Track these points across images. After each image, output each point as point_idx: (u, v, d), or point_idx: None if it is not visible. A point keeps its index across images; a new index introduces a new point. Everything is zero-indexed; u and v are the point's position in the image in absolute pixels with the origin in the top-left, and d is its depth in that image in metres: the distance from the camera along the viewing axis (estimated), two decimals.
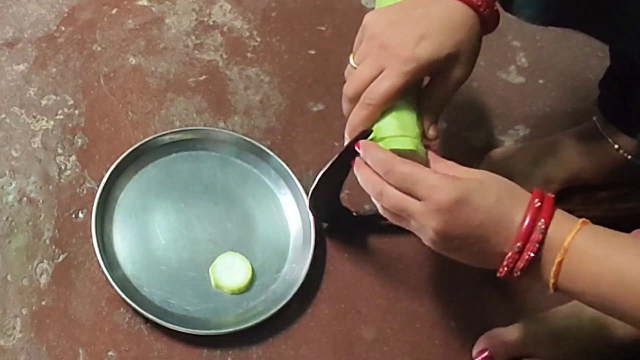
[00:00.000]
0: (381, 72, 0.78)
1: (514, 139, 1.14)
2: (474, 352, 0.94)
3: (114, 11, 1.19)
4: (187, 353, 0.93)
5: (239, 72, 1.16)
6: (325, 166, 0.87)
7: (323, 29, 1.21)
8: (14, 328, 0.92)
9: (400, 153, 0.77)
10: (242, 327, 0.93)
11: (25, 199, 1.01)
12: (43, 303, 0.94)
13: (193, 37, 1.18)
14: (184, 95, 1.12)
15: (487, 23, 0.81)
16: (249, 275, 0.97)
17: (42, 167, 1.03)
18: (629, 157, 1.01)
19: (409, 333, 0.97)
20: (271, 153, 1.04)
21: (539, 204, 0.70)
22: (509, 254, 0.70)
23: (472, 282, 1.01)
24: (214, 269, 0.97)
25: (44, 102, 1.09)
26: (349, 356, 0.95)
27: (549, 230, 0.69)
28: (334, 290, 0.99)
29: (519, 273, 0.71)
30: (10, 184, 1.02)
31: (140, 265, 0.97)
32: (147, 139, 1.04)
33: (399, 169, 0.74)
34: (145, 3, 1.21)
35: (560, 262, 0.68)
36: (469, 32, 0.79)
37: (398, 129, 0.80)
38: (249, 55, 1.17)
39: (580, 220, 0.70)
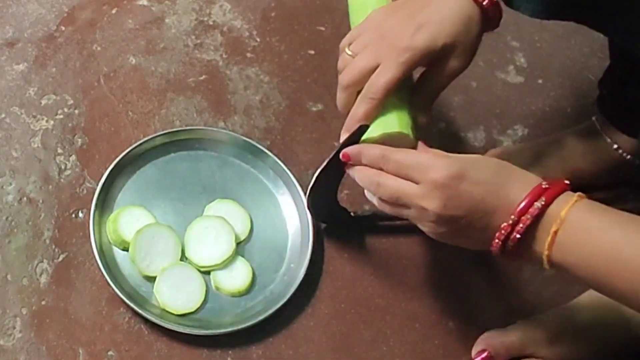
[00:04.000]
0: (378, 62, 0.79)
1: (512, 139, 1.14)
2: (473, 353, 0.94)
3: (114, 11, 1.19)
4: (187, 353, 0.93)
5: (239, 72, 1.16)
6: (322, 164, 0.87)
7: (323, 29, 1.21)
8: (14, 328, 0.92)
9: (393, 138, 0.79)
10: (241, 327, 0.93)
11: (25, 198, 1.01)
12: (43, 303, 0.94)
13: (193, 37, 1.18)
14: (183, 95, 1.12)
15: (488, 17, 0.81)
16: (249, 279, 0.97)
17: (42, 167, 1.04)
18: (628, 157, 1.01)
19: (408, 333, 0.98)
20: (269, 153, 1.05)
21: (546, 186, 0.70)
22: (504, 225, 0.70)
23: (472, 283, 1.01)
24: (214, 271, 0.97)
25: (43, 102, 1.09)
26: (348, 356, 0.95)
27: (549, 207, 0.69)
28: (333, 290, 0.99)
29: (512, 247, 0.70)
30: (10, 183, 1.02)
31: None
32: (145, 139, 1.04)
33: (394, 158, 0.75)
34: (145, 3, 1.21)
35: (555, 232, 0.68)
36: (468, 25, 0.80)
37: (397, 125, 0.81)
38: (248, 55, 1.18)
39: (578, 193, 0.70)
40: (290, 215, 1.02)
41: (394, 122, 0.81)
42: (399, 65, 0.78)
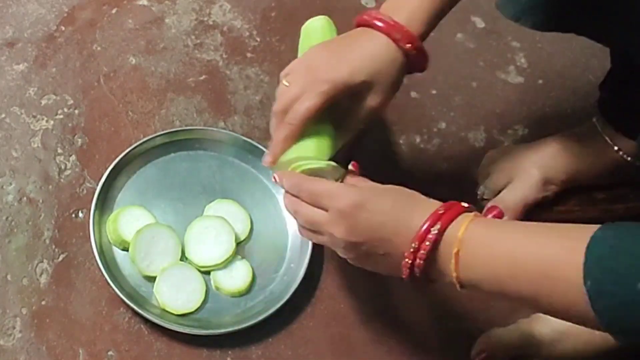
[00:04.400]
0: (303, 92, 0.84)
1: (512, 139, 1.14)
2: (473, 353, 0.94)
3: (114, 11, 1.19)
4: (186, 353, 0.93)
5: (239, 71, 1.16)
6: None
7: None
8: (14, 328, 0.92)
9: (315, 172, 0.83)
10: (241, 327, 0.93)
11: (25, 198, 1.01)
12: (43, 303, 0.94)
13: (193, 37, 1.18)
14: (184, 95, 1.12)
15: (411, 61, 0.84)
16: (249, 279, 0.97)
17: (42, 167, 1.04)
18: (629, 158, 1.01)
19: (408, 333, 0.97)
20: None
21: (442, 211, 0.72)
22: (406, 254, 0.73)
23: None
24: (214, 271, 0.97)
25: (43, 102, 1.09)
26: (348, 356, 0.95)
27: (446, 231, 0.71)
28: (333, 290, 0.99)
29: (419, 273, 0.73)
30: (10, 183, 1.02)
31: None
32: (145, 139, 1.04)
33: (306, 186, 0.80)
34: (145, 3, 1.21)
35: (457, 253, 0.70)
36: (390, 66, 0.84)
37: (313, 151, 0.85)
38: (248, 55, 1.18)
39: (473, 213, 0.73)
40: (290, 216, 1.02)
41: (311, 147, 0.85)
42: (317, 95, 0.82)
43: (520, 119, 1.16)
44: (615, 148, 1.01)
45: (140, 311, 0.91)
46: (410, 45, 0.83)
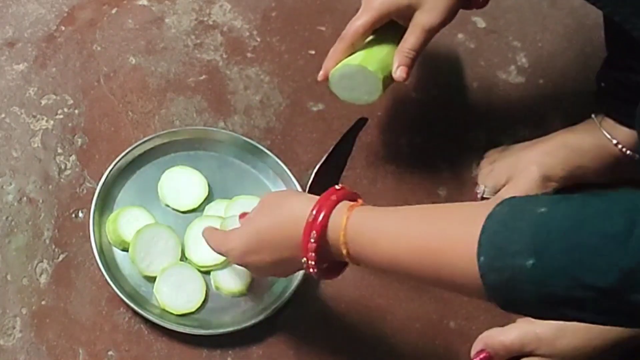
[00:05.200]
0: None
1: (512, 139, 1.14)
2: (473, 352, 0.94)
3: (114, 11, 1.19)
4: (186, 353, 0.93)
5: (239, 72, 1.16)
6: (320, 161, 0.88)
7: (323, 29, 1.21)
8: (14, 328, 0.92)
9: (356, 70, 0.92)
10: (241, 326, 0.93)
11: (25, 198, 1.01)
12: (43, 303, 0.94)
13: (193, 37, 1.18)
14: (183, 95, 1.12)
15: None
16: (249, 279, 0.96)
17: (42, 167, 1.04)
18: (628, 152, 1.01)
19: (409, 333, 0.97)
20: (269, 153, 1.05)
21: (317, 208, 0.73)
22: (302, 251, 0.74)
23: None
24: (214, 271, 0.97)
25: (43, 102, 1.09)
26: (348, 356, 0.95)
27: (329, 224, 0.72)
28: (333, 290, 0.99)
29: (315, 266, 0.74)
30: (10, 183, 1.02)
31: None
32: (145, 139, 1.04)
33: (207, 237, 0.89)
34: (145, 3, 1.21)
35: (345, 244, 0.71)
36: None
37: (358, 59, 0.93)
38: (248, 55, 1.18)
39: (350, 204, 0.73)
40: None
41: (359, 57, 0.93)
42: (369, 11, 0.92)
43: (520, 119, 1.16)
44: (615, 142, 1.01)
45: (140, 311, 0.91)
46: None
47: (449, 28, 0.96)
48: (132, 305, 0.92)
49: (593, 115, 1.03)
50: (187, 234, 0.97)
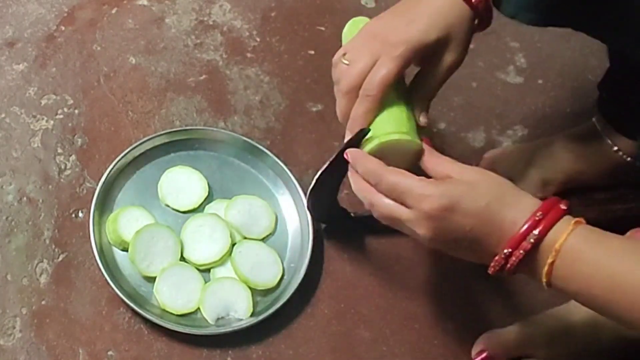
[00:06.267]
0: (375, 60, 0.79)
1: (512, 140, 1.14)
2: (473, 353, 0.95)
3: (114, 11, 1.19)
4: (186, 353, 0.93)
5: (239, 72, 1.16)
6: (323, 166, 0.88)
7: (323, 29, 1.21)
8: (14, 328, 0.92)
9: (392, 146, 0.78)
10: (241, 326, 0.93)
11: (25, 198, 1.01)
12: (43, 303, 0.94)
13: (193, 37, 1.18)
14: (183, 95, 1.12)
15: (478, 15, 0.81)
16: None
17: (42, 167, 1.04)
18: (628, 159, 1.01)
19: (408, 333, 0.98)
20: (269, 153, 1.05)
21: (540, 216, 0.69)
22: (496, 258, 0.70)
23: (471, 283, 1.01)
24: (213, 268, 0.97)
25: (43, 102, 1.09)
26: (348, 356, 0.95)
27: (543, 239, 0.68)
28: (333, 290, 0.99)
29: (507, 274, 0.71)
30: (10, 183, 1.02)
31: None
32: (145, 139, 1.04)
33: (387, 179, 0.74)
34: (145, 3, 1.21)
35: (552, 264, 0.68)
36: (460, 20, 0.80)
37: (390, 124, 0.80)
38: (248, 55, 1.18)
39: (574, 220, 0.69)
40: (290, 215, 1.02)
41: (390, 121, 0.80)
42: (394, 59, 0.78)
43: (520, 119, 1.16)
44: (615, 148, 1.01)
45: (140, 311, 0.91)
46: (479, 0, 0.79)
47: None
48: (132, 305, 0.92)
49: (594, 119, 1.03)
50: (182, 234, 0.97)
